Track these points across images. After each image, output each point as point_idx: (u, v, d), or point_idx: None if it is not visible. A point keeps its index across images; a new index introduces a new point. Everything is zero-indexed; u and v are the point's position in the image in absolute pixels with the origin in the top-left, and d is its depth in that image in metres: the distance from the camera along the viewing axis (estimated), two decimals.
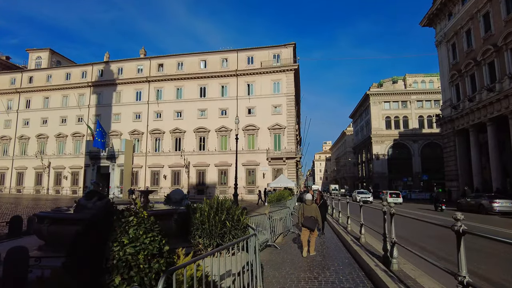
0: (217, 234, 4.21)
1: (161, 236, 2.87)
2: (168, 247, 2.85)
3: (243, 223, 4.47)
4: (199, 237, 4.31)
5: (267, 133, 40.07)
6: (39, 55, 58.29)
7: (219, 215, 4.32)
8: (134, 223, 2.73)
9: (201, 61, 44.02)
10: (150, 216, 3.05)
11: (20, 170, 48.49)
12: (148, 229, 2.75)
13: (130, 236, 2.57)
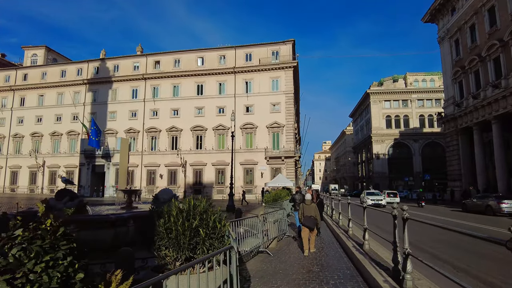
0: (186, 245, 3.32)
1: (74, 257, 1.93)
2: (82, 274, 1.90)
3: (222, 231, 3.60)
4: (165, 248, 3.43)
5: (265, 132, 39.19)
6: (35, 53, 57.37)
7: (191, 220, 3.44)
8: (19, 239, 1.79)
9: (198, 58, 43.12)
10: (62, 225, 2.11)
11: (14, 169, 47.59)
12: (46, 248, 1.81)
13: (9, 261, 1.65)
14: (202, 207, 3.63)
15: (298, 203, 11.11)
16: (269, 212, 9.59)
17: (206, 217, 3.61)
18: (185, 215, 3.48)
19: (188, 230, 3.35)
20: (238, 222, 6.76)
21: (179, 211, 3.54)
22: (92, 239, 5.52)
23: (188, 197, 3.86)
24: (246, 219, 8.44)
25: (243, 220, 6.90)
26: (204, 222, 3.52)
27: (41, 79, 48.54)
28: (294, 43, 41.16)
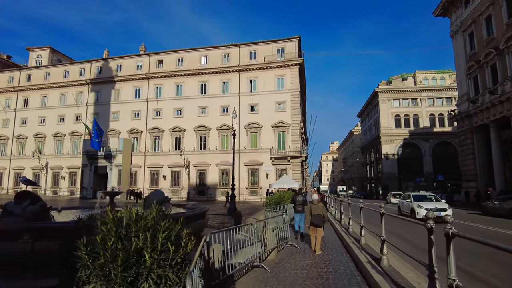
0: (119, 278, 2.18)
1: None
2: None
3: (182, 253, 2.47)
4: (89, 282, 2.29)
5: (270, 131, 38.01)
6: (39, 54, 57.11)
7: (134, 239, 2.31)
8: None
9: (202, 56, 42.16)
10: None
11: (17, 171, 47.19)
12: None
13: None
14: (151, 218, 2.49)
15: (299, 204, 11.13)
16: (267, 218, 8.43)
17: (161, 232, 2.48)
18: (123, 231, 2.33)
19: (124, 255, 2.20)
20: (225, 233, 5.60)
21: (115, 224, 2.40)
22: None
23: (137, 204, 2.73)
24: (244, 226, 7.32)
25: (225, 231, 5.62)
26: (154, 242, 2.38)
27: (45, 80, 48.13)
28: (300, 40, 39.96)
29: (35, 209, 5.70)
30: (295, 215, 11.43)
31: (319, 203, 8.82)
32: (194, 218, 7.90)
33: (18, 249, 4.91)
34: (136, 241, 2.30)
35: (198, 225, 8.05)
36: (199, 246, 3.81)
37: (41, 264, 4.80)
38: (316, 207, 8.67)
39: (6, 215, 5.69)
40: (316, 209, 8.63)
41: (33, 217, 5.64)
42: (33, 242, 4.90)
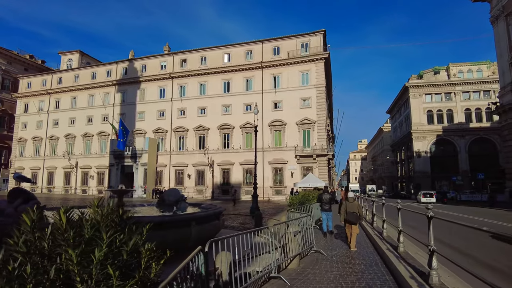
0: None
1: None
2: None
3: (135, 281, 1.67)
4: None
5: (295, 129, 36.91)
6: (70, 58, 59.05)
7: (82, 247, 1.55)
8: None
9: (225, 54, 41.72)
10: None
11: (50, 170, 48.98)
12: None
13: None
14: (89, 225, 1.71)
15: (325, 202, 11.17)
16: (288, 221, 7.53)
17: (129, 238, 1.70)
18: (73, 235, 1.56)
19: (42, 276, 1.41)
20: (236, 239, 4.75)
21: (33, 232, 1.63)
22: None
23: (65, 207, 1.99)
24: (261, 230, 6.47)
25: (231, 237, 4.73)
26: (119, 254, 1.60)
27: (74, 82, 49.61)
28: (325, 33, 38.53)
29: (26, 208, 5.14)
30: (322, 213, 11.38)
31: (354, 201, 9.09)
32: (207, 219, 7.15)
33: None
34: (58, 261, 1.52)
35: (212, 227, 7.30)
36: (187, 258, 3.02)
37: None
38: (351, 205, 8.95)
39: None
40: (352, 207, 8.91)
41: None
42: None
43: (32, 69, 59.67)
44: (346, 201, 9.08)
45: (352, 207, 8.91)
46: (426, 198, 35.24)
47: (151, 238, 5.46)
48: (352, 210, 8.81)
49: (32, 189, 49.25)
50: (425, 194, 36.60)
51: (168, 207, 9.84)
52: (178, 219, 6.42)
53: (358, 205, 9.11)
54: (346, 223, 8.84)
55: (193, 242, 6.26)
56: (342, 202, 10.76)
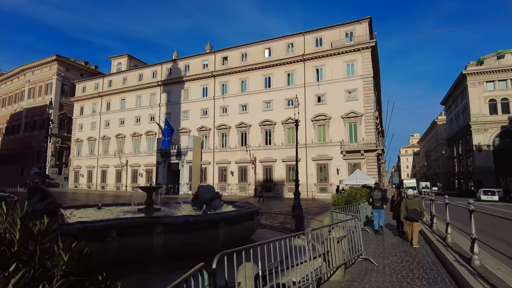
0: None
1: None
2: None
3: None
4: None
5: (340, 123, 35.17)
6: (119, 61, 62.15)
7: None
8: None
9: (265, 49, 41.01)
10: None
11: (103, 168, 51.94)
12: None
13: None
14: None
15: (377, 200, 10.91)
16: (331, 224, 6.56)
17: None
18: None
19: None
20: (259, 249, 3.91)
21: None
22: None
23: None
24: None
25: (245, 250, 3.91)
26: None
27: (123, 84, 52.03)
28: (371, 21, 36.22)
29: (41, 207, 4.81)
30: (373, 211, 11.09)
31: (415, 198, 9.04)
32: (239, 220, 6.43)
33: None
34: None
35: (243, 228, 6.57)
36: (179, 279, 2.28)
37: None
38: (412, 202, 8.91)
39: None
40: (412, 204, 8.89)
41: (39, 217, 4.75)
42: None
43: (87, 74, 63.74)
44: (406, 198, 9.08)
45: (412, 204, 8.90)
46: (487, 196, 34.43)
47: (172, 240, 4.86)
48: (412, 207, 8.83)
49: (88, 186, 52.77)
50: (485, 192, 35.32)
51: (202, 205, 9.34)
52: (203, 220, 5.77)
53: (418, 202, 9.05)
54: (407, 220, 8.93)
55: (221, 245, 5.60)
56: (395, 200, 11.05)
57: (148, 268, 5.09)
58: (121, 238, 4.69)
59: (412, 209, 8.78)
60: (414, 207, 8.81)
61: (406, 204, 8.95)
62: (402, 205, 9.12)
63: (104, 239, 4.50)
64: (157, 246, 4.99)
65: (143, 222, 5.09)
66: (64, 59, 60.76)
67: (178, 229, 5.22)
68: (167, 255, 5.17)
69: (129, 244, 4.79)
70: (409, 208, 8.83)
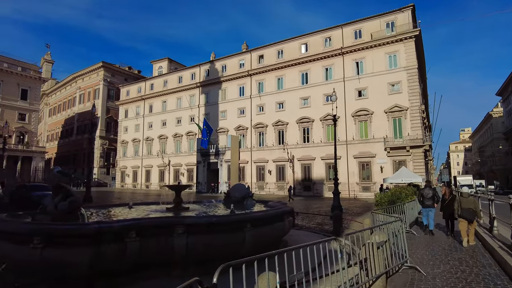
0: None
1: None
2: None
3: None
4: None
5: (383, 118, 33.31)
6: (160, 65, 64.54)
7: None
8: None
9: (302, 45, 40.04)
10: None
11: (147, 168, 54.08)
12: None
13: None
14: None
15: (427, 198, 10.52)
16: (372, 227, 5.82)
17: None
18: None
19: None
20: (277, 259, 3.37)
21: None
22: None
23: None
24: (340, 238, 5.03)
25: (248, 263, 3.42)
26: None
27: (164, 87, 53.76)
28: (414, 8, 33.91)
29: (64, 206, 4.67)
30: (423, 210, 10.78)
31: (469, 197, 8.63)
32: (268, 221, 5.93)
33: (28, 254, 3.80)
34: None
35: (272, 230, 6.06)
36: None
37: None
38: (466, 201, 8.50)
39: (41, 212, 4.82)
40: (467, 202, 8.46)
41: (60, 216, 4.62)
42: (43, 248, 3.73)
43: (130, 78, 66.80)
44: (460, 196, 8.73)
45: (467, 202, 8.45)
46: None
47: (195, 243, 4.49)
48: (467, 206, 8.40)
49: (133, 186, 55.25)
50: None
51: (234, 204, 8.98)
52: (228, 221, 5.34)
53: (474, 201, 8.59)
54: (461, 219, 8.49)
55: (249, 248, 5.14)
56: (446, 199, 10.21)
57: (171, 272, 4.79)
58: (141, 240, 4.43)
59: (466, 208, 8.34)
60: (468, 206, 8.35)
61: (460, 202, 8.53)
62: (455, 203, 8.67)
63: (122, 240, 4.25)
64: (178, 248, 4.67)
65: (163, 222, 4.79)
66: (110, 65, 64.21)
67: (201, 230, 4.86)
68: (189, 258, 4.84)
69: (148, 246, 4.52)
70: (463, 207, 8.39)
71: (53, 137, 74.73)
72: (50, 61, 77.17)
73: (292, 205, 23.04)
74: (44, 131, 79.26)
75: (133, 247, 4.31)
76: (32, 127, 51.72)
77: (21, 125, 49.90)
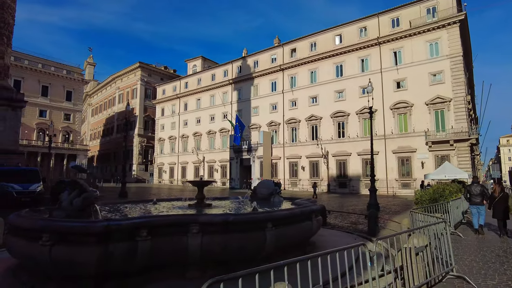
0: None
1: None
2: None
3: None
4: None
5: (424, 110, 31.31)
6: (194, 64, 65.62)
7: None
8: None
9: (336, 36, 38.66)
10: None
11: (183, 165, 55.39)
12: None
13: None
14: None
15: (476, 195, 9.75)
16: (409, 230, 5.17)
17: None
18: None
19: None
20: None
21: None
22: None
23: None
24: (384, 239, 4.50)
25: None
26: None
27: (197, 85, 54.61)
28: None
29: (78, 203, 4.57)
30: (471, 208, 9.97)
31: None
32: (292, 220, 5.49)
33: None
34: None
35: (297, 230, 5.60)
36: None
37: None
38: None
39: (57, 208, 4.76)
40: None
41: (74, 212, 4.52)
42: (52, 246, 3.60)
43: (166, 78, 68.66)
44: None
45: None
46: None
47: (210, 243, 4.18)
48: None
49: (170, 182, 56.84)
50: None
51: (260, 201, 8.62)
52: (246, 219, 4.95)
53: None
54: None
55: (270, 250, 4.75)
56: (495, 196, 9.40)
57: (185, 274, 4.54)
58: (152, 239, 4.21)
59: None
60: None
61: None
62: (510, 201, 8.15)
63: (133, 239, 4.05)
64: (193, 248, 4.40)
65: (177, 220, 4.53)
66: (146, 65, 66.37)
67: (216, 229, 4.55)
68: (205, 259, 4.55)
69: (160, 245, 4.29)
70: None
71: (96, 135, 78.91)
72: (92, 64, 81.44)
73: (324, 202, 22.30)
74: (88, 130, 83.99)
75: (144, 247, 4.09)
76: (76, 126, 54.87)
77: (66, 124, 53.11)
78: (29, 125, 50.28)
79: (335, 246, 7.35)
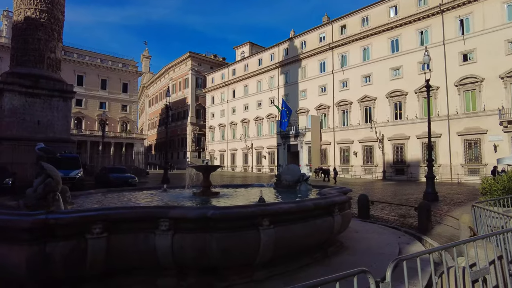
0: None
1: None
2: None
3: None
4: None
5: (498, 85, 26.93)
6: (242, 50, 64.94)
7: None
8: None
9: (390, 8, 34.93)
10: None
11: (232, 151, 55.76)
12: None
13: None
14: None
15: None
16: (468, 240, 3.63)
17: None
18: None
19: None
20: None
21: None
22: None
23: None
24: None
25: None
26: None
27: (245, 71, 54.01)
28: None
29: (41, 189, 3.90)
30: None
31: None
32: (301, 215, 4.28)
33: None
34: None
35: (311, 228, 4.39)
36: None
37: None
38: None
39: (26, 196, 4.17)
40: None
41: (34, 201, 3.87)
42: None
43: (216, 66, 69.13)
44: None
45: None
46: None
47: (183, 244, 3.20)
48: None
49: (221, 168, 57.64)
50: None
51: (287, 189, 7.47)
52: (230, 215, 3.74)
53: None
54: None
55: (266, 255, 3.66)
56: None
57: (157, 281, 3.67)
58: (110, 237, 3.37)
59: None
60: None
61: None
62: None
63: (82, 237, 3.25)
64: (162, 250, 3.48)
65: (141, 214, 3.63)
66: (196, 54, 67.39)
67: (193, 227, 3.58)
68: (180, 264, 3.63)
69: (122, 246, 3.44)
70: None
71: (153, 125, 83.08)
72: (147, 57, 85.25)
73: (376, 191, 20.27)
74: (146, 120, 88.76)
75: (96, 246, 3.26)
76: (133, 116, 57.99)
77: (124, 115, 56.38)
78: (91, 117, 54.37)
79: (369, 247, 6.02)
